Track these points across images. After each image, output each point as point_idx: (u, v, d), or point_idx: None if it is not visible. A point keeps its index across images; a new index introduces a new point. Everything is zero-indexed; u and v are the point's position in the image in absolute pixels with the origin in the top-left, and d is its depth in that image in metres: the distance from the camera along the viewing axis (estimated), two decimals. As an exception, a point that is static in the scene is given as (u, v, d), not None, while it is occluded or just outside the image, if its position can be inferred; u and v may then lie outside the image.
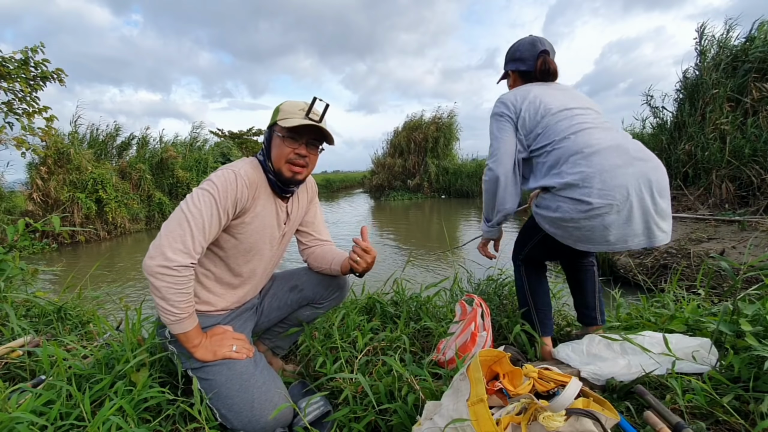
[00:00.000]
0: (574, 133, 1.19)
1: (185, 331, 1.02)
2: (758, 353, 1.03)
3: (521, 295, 1.48)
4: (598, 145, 1.14)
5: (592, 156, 1.13)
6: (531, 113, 1.29)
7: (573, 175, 1.13)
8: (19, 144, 4.11)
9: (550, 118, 1.26)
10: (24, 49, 3.87)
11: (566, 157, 1.17)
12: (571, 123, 1.22)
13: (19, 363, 1.32)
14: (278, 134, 1.10)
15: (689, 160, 6.26)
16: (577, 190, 1.12)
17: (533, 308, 1.43)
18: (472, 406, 0.74)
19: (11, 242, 1.98)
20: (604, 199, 1.09)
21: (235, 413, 1.01)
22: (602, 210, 1.09)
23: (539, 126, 1.27)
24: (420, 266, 5.61)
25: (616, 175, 1.09)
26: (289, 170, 1.11)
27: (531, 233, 1.39)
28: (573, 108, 1.26)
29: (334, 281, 1.37)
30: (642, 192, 1.10)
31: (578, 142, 1.17)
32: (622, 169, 1.10)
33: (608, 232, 1.11)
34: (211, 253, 1.14)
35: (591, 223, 1.12)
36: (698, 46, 6.91)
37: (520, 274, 1.47)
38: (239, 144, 19.51)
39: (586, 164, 1.12)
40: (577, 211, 1.12)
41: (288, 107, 1.11)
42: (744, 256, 3.57)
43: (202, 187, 1.02)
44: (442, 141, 18.55)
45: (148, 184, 11.35)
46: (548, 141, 1.24)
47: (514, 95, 1.35)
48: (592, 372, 1.19)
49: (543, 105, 1.29)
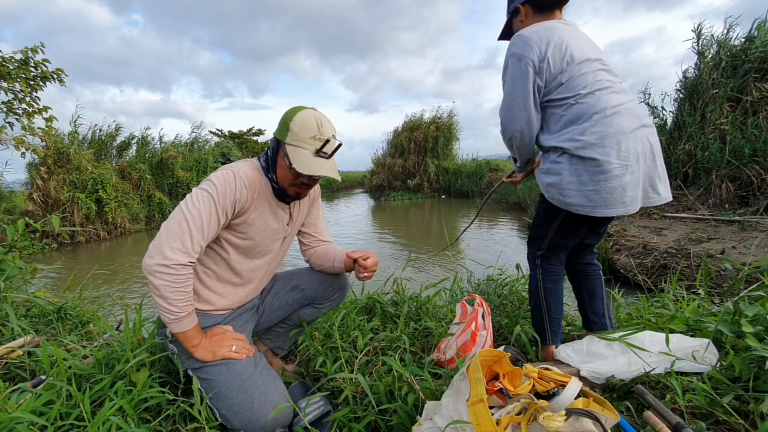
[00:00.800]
0: (599, 90, 1.16)
1: (184, 330, 1.02)
2: (759, 353, 1.03)
3: (535, 299, 1.39)
4: (618, 106, 1.14)
5: (613, 117, 1.13)
6: (557, 59, 1.17)
7: (594, 134, 1.12)
8: (18, 144, 4.11)
9: (574, 68, 1.17)
10: (24, 49, 3.87)
11: (589, 115, 1.13)
12: (595, 78, 1.17)
13: (19, 363, 1.32)
14: (285, 158, 1.07)
15: (689, 160, 6.27)
16: (598, 150, 1.11)
17: (546, 315, 1.36)
18: (472, 406, 0.74)
19: (11, 242, 1.98)
20: (622, 160, 1.11)
21: (235, 413, 1.01)
22: (620, 171, 1.11)
23: (563, 75, 1.17)
24: (420, 266, 5.61)
25: (629, 138, 1.12)
26: (293, 192, 1.14)
27: (548, 219, 1.30)
28: (593, 60, 1.19)
29: (335, 281, 1.37)
30: (646, 155, 1.15)
31: (602, 100, 1.14)
32: (635, 132, 1.13)
33: (625, 194, 1.13)
34: (213, 252, 1.14)
35: (611, 184, 1.12)
36: (696, 47, 6.91)
37: (536, 278, 1.37)
38: (239, 144, 19.50)
39: (607, 124, 1.12)
40: (597, 172, 1.12)
41: (299, 129, 1.05)
42: (745, 256, 3.57)
43: (202, 187, 1.03)
44: (442, 141, 18.54)
45: (148, 184, 11.35)
46: (571, 94, 1.17)
47: (539, 35, 1.18)
48: (592, 370, 1.19)
49: (569, 51, 1.18)
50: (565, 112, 1.17)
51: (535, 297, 1.38)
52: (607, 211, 1.14)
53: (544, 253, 1.35)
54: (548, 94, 1.20)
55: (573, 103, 1.16)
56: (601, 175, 1.11)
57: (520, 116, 1.20)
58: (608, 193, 1.12)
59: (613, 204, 1.13)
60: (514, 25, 1.38)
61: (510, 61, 1.21)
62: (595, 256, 1.46)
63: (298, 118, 1.06)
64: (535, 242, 1.37)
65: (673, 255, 4.15)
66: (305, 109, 1.09)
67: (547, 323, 1.36)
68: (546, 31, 1.19)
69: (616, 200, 1.12)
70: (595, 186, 1.12)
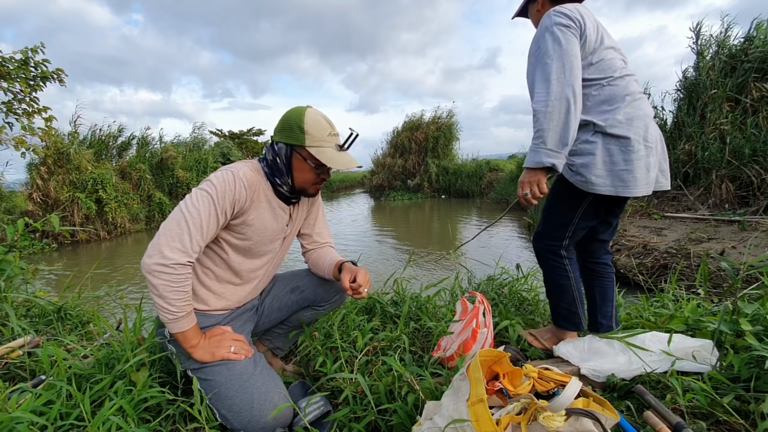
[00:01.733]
0: (628, 75, 1.22)
1: (182, 330, 1.02)
2: (759, 353, 1.03)
3: (564, 289, 1.33)
4: (640, 94, 1.23)
5: (638, 102, 1.20)
6: (593, 37, 1.17)
7: (627, 114, 1.17)
8: (18, 144, 4.11)
9: (605, 51, 1.19)
10: (24, 50, 3.87)
11: (622, 96, 1.18)
12: (623, 64, 1.23)
13: (19, 363, 1.32)
14: (306, 160, 1.10)
15: (689, 160, 6.27)
16: (630, 130, 1.16)
17: (578, 302, 1.34)
18: (472, 406, 0.74)
19: (11, 242, 1.98)
20: (648, 142, 1.18)
21: (234, 413, 1.01)
22: (646, 152, 1.17)
23: (596, 54, 1.18)
24: (420, 266, 5.61)
25: (652, 123, 1.21)
26: (314, 190, 1.19)
27: (573, 204, 1.25)
28: (617, 48, 1.24)
29: (335, 284, 1.37)
30: (661, 141, 1.26)
31: (630, 85, 1.21)
32: (651, 119, 1.23)
33: (648, 175, 1.19)
34: (212, 253, 1.14)
35: (639, 164, 1.16)
36: (695, 46, 6.91)
37: (565, 268, 1.32)
38: (239, 144, 19.51)
39: (637, 107, 1.19)
40: (630, 151, 1.15)
41: (315, 130, 1.08)
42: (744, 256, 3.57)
43: (201, 187, 1.03)
44: (442, 141, 18.54)
45: (148, 184, 11.35)
46: (605, 75, 1.18)
47: (576, 9, 1.17)
48: (592, 368, 1.19)
49: (600, 33, 1.19)
50: (597, 92, 1.20)
51: (565, 287, 1.34)
52: (634, 191, 1.17)
53: (568, 242, 1.32)
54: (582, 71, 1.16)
55: (606, 84, 1.19)
56: (633, 154, 1.16)
57: (575, 80, 1.10)
58: (637, 172, 1.16)
59: (638, 184, 1.17)
60: (530, 12, 1.39)
61: (546, 35, 1.14)
62: (610, 257, 1.44)
63: (309, 120, 1.08)
64: (558, 231, 1.30)
65: (673, 255, 4.15)
66: (306, 108, 1.11)
67: (581, 309, 1.36)
68: (581, 8, 1.20)
69: (641, 180, 1.17)
70: (628, 165, 1.16)
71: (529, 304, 1.90)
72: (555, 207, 1.32)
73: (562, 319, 1.38)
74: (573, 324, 1.36)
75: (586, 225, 1.30)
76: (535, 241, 1.40)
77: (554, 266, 1.34)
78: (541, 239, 1.37)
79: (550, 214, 1.34)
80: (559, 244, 1.32)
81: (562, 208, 1.29)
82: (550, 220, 1.34)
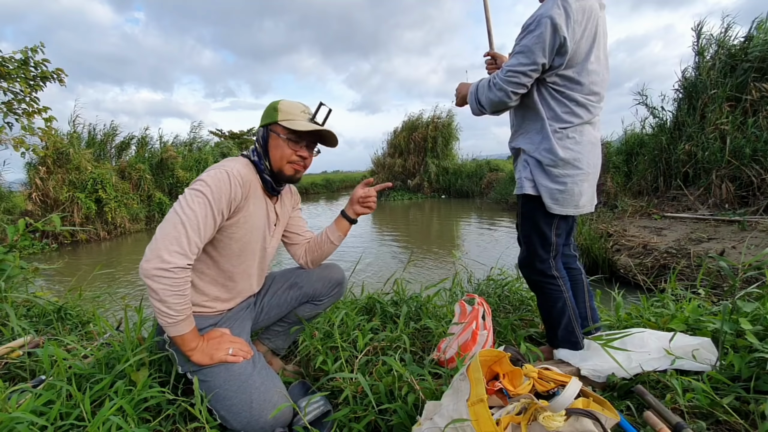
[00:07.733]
0: (597, 93, 1.24)
1: (182, 333, 1.01)
2: (759, 354, 1.03)
3: (561, 308, 1.32)
4: (596, 118, 1.28)
5: (592, 126, 1.27)
6: (584, 47, 1.17)
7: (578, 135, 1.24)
8: (18, 144, 4.11)
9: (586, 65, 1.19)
10: (24, 49, 3.86)
11: (578, 115, 1.22)
12: (598, 78, 1.23)
13: (19, 363, 1.32)
14: (280, 135, 1.14)
15: (689, 160, 6.27)
16: (574, 153, 1.23)
17: (575, 322, 1.32)
18: (472, 406, 0.74)
19: (12, 242, 1.98)
20: (588, 168, 1.26)
21: (234, 414, 1.01)
22: (583, 177, 1.25)
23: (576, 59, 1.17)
24: (420, 266, 5.61)
25: (595, 152, 1.29)
26: (291, 169, 1.18)
27: (545, 223, 1.28)
28: (601, 58, 1.23)
29: (333, 277, 1.39)
30: (597, 167, 1.31)
31: (595, 108, 1.25)
32: (596, 146, 1.30)
33: (580, 198, 1.27)
34: (203, 255, 1.13)
35: (577, 187, 1.25)
36: (696, 46, 6.90)
37: (559, 286, 1.32)
38: (239, 144, 19.51)
39: (588, 132, 1.25)
40: (572, 174, 1.24)
41: (288, 108, 1.14)
42: (745, 255, 3.57)
43: (195, 187, 1.01)
44: (441, 141, 18.53)
45: (147, 184, 11.34)
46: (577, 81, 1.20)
47: (582, 8, 1.14)
48: (592, 368, 1.19)
49: (598, 37, 1.19)
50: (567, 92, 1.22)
51: (561, 306, 1.32)
52: (561, 209, 1.26)
53: (555, 256, 1.33)
54: (558, 69, 1.18)
55: (572, 90, 1.21)
56: (572, 177, 1.25)
57: (522, 90, 1.21)
58: (568, 195, 1.25)
59: (567, 203, 1.26)
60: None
61: (537, 24, 1.14)
62: (575, 258, 1.47)
63: (283, 102, 1.16)
64: (542, 252, 1.31)
65: (673, 255, 4.15)
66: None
67: (578, 327, 1.33)
68: (588, 5, 1.15)
69: (571, 200, 1.26)
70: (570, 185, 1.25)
71: (529, 304, 1.90)
72: (532, 228, 1.32)
73: (560, 342, 1.36)
74: (571, 344, 1.34)
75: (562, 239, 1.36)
76: (523, 269, 1.40)
77: (550, 290, 1.33)
78: (533, 262, 1.35)
79: (529, 237, 1.34)
80: (546, 261, 1.32)
81: (536, 229, 1.32)
82: (532, 243, 1.33)
